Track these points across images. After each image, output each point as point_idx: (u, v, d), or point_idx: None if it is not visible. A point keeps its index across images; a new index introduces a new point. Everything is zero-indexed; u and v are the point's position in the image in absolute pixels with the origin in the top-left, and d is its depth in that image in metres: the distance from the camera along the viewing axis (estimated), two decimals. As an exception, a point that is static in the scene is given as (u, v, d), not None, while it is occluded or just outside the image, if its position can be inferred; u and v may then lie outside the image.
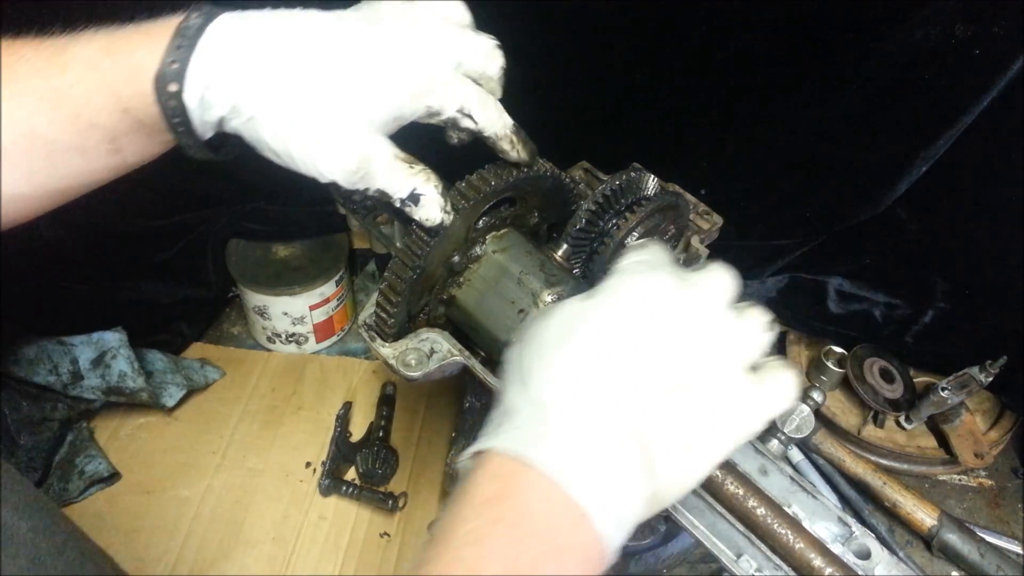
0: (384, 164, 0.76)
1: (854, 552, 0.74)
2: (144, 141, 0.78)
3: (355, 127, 0.75)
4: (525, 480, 0.59)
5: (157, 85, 0.71)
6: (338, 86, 0.74)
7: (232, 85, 0.72)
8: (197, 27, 0.72)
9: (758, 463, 0.81)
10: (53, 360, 1.45)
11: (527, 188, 0.93)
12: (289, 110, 0.73)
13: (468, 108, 0.79)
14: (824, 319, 1.67)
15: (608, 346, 0.64)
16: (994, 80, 1.20)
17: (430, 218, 0.80)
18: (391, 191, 0.78)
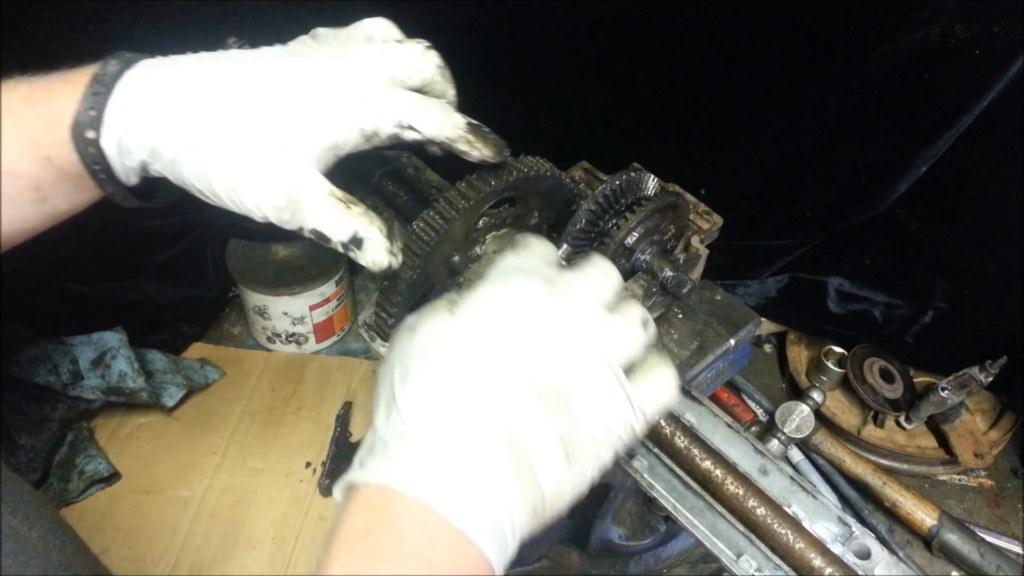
0: (317, 202, 0.72)
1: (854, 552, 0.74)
2: (69, 189, 0.76)
3: (281, 161, 0.71)
4: (396, 508, 0.57)
5: (74, 132, 0.70)
6: (259, 120, 0.71)
7: (150, 128, 0.71)
8: (114, 74, 0.71)
9: (758, 463, 0.81)
10: (53, 360, 1.45)
11: (527, 188, 0.93)
12: (209, 148, 0.71)
13: (407, 120, 0.75)
14: (824, 319, 1.67)
15: (472, 361, 0.61)
16: (994, 80, 1.20)
17: (377, 262, 0.75)
18: (328, 232, 0.73)
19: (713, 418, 0.85)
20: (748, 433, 0.84)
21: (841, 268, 1.64)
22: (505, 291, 0.66)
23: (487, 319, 0.64)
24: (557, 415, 0.61)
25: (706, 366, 1.10)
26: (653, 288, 0.98)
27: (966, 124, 1.27)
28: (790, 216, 1.55)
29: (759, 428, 0.94)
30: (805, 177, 1.48)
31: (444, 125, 0.77)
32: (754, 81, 1.36)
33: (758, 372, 1.79)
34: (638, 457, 0.83)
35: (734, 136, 1.46)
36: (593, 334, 0.65)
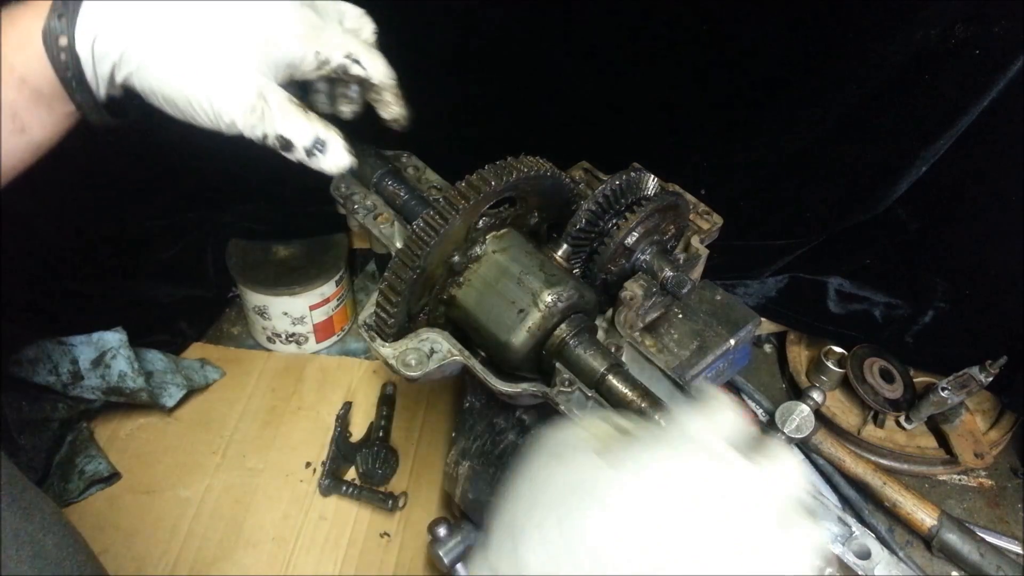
0: (282, 107, 0.76)
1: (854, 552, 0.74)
2: (45, 114, 0.76)
3: (248, 68, 0.75)
4: None
5: (46, 41, 0.71)
6: (230, 26, 0.74)
7: (121, 31, 0.72)
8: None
9: (758, 463, 0.81)
10: (53, 360, 1.45)
11: (527, 188, 0.93)
12: (181, 51, 0.73)
13: (355, 54, 0.82)
14: (824, 319, 1.67)
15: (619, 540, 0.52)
16: (994, 80, 1.20)
17: (340, 163, 0.80)
18: (294, 137, 0.77)
19: (713, 418, 0.85)
20: (748, 433, 0.83)
21: (841, 268, 1.64)
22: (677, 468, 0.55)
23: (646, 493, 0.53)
24: None
25: (706, 366, 1.10)
26: (653, 288, 0.98)
27: (966, 124, 1.27)
28: (790, 216, 1.55)
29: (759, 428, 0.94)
30: (805, 177, 1.48)
31: (383, 70, 0.86)
32: (754, 81, 1.36)
33: (758, 372, 1.79)
34: (638, 457, 0.83)
35: (734, 136, 1.46)
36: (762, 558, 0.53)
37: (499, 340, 0.91)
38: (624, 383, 0.85)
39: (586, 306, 0.93)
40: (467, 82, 1.44)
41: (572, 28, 1.38)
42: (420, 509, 1.45)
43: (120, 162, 1.41)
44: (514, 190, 0.92)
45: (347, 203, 1.06)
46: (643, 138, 1.47)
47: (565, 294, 0.89)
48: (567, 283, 0.91)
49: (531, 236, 1.00)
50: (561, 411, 0.87)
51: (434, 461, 1.53)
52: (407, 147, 1.16)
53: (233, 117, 0.75)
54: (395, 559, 1.39)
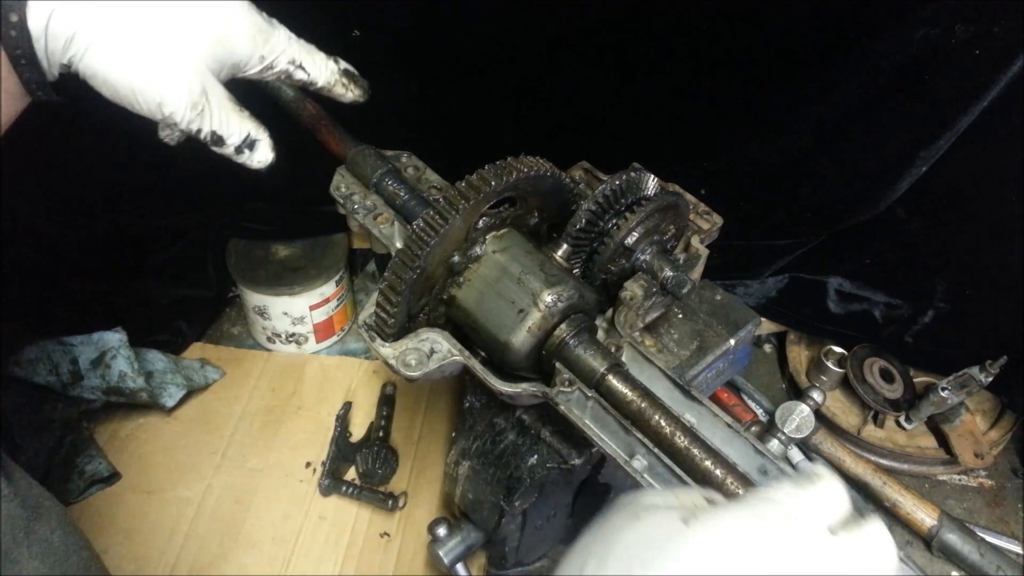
0: (221, 105, 0.79)
1: (854, 552, 0.74)
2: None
3: (196, 62, 0.76)
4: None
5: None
6: (183, 20, 0.75)
7: (75, 11, 0.71)
8: None
9: (758, 463, 0.81)
10: (53, 360, 1.45)
11: (527, 188, 0.93)
12: (132, 38, 0.73)
13: (299, 60, 0.86)
14: (824, 319, 1.67)
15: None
16: (994, 80, 1.20)
17: (264, 159, 0.84)
18: (226, 134, 0.80)
19: (713, 418, 0.85)
20: (748, 433, 0.83)
21: (841, 268, 1.64)
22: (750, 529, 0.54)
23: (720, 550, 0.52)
24: None
25: (706, 366, 1.10)
26: (653, 288, 0.98)
27: (966, 124, 1.27)
28: (790, 216, 1.55)
29: (759, 428, 0.94)
30: (805, 177, 1.48)
31: (325, 71, 0.90)
32: (754, 81, 1.36)
33: (758, 372, 1.79)
34: (638, 457, 0.83)
35: (734, 136, 1.46)
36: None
37: (499, 340, 0.91)
38: (624, 383, 0.85)
39: (586, 306, 0.93)
40: (467, 82, 1.44)
41: (572, 28, 1.38)
42: (420, 509, 1.45)
43: (120, 163, 1.41)
44: (514, 190, 0.92)
45: (347, 203, 1.06)
46: (643, 138, 1.47)
47: (565, 294, 0.89)
48: (567, 283, 0.91)
49: (531, 236, 1.00)
50: (561, 411, 0.87)
51: (434, 461, 1.53)
52: (407, 147, 1.16)
53: (173, 110, 0.76)
54: (395, 559, 1.39)
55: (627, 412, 0.82)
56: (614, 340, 0.95)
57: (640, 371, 0.90)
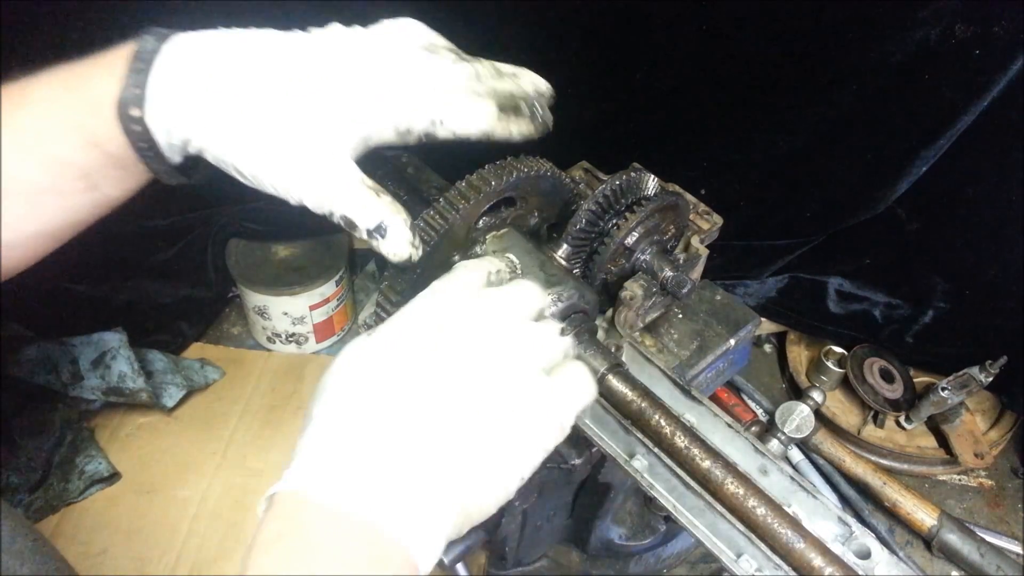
0: (351, 190, 0.74)
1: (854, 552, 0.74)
2: (119, 175, 0.77)
3: (318, 149, 0.73)
4: (307, 511, 0.58)
5: (120, 112, 0.70)
6: (299, 108, 0.72)
7: (194, 105, 0.71)
8: (152, 49, 0.71)
9: (758, 463, 0.81)
10: (53, 360, 1.45)
11: (527, 188, 0.93)
12: (254, 130, 0.71)
13: (439, 117, 0.77)
14: (824, 319, 1.67)
15: (385, 369, 0.63)
16: (994, 80, 1.20)
17: (397, 253, 0.77)
18: (357, 219, 0.75)
19: (713, 418, 0.85)
20: (748, 433, 0.83)
21: (841, 268, 1.64)
22: (420, 305, 0.69)
23: (401, 332, 0.66)
24: (478, 414, 0.62)
25: (706, 366, 1.10)
26: (653, 288, 0.98)
27: (966, 124, 1.27)
28: (790, 216, 1.56)
29: (759, 428, 0.94)
30: (805, 177, 1.48)
31: (478, 121, 0.78)
32: (754, 81, 1.36)
33: (758, 372, 1.79)
34: (638, 457, 0.83)
35: (734, 136, 1.46)
36: (510, 336, 0.67)
37: None
38: (624, 383, 0.85)
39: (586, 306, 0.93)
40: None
41: (571, 28, 1.38)
42: (420, 509, 1.45)
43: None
44: (514, 190, 0.92)
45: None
46: (643, 138, 1.47)
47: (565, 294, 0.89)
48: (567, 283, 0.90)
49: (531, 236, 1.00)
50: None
51: (434, 461, 1.52)
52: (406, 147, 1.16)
53: (303, 200, 0.75)
54: (395, 559, 1.39)
55: (627, 412, 0.82)
56: (614, 340, 0.95)
57: (640, 371, 0.90)
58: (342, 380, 0.64)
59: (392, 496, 0.58)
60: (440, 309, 0.68)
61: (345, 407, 0.62)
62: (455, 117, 0.77)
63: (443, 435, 0.61)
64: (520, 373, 0.66)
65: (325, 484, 0.58)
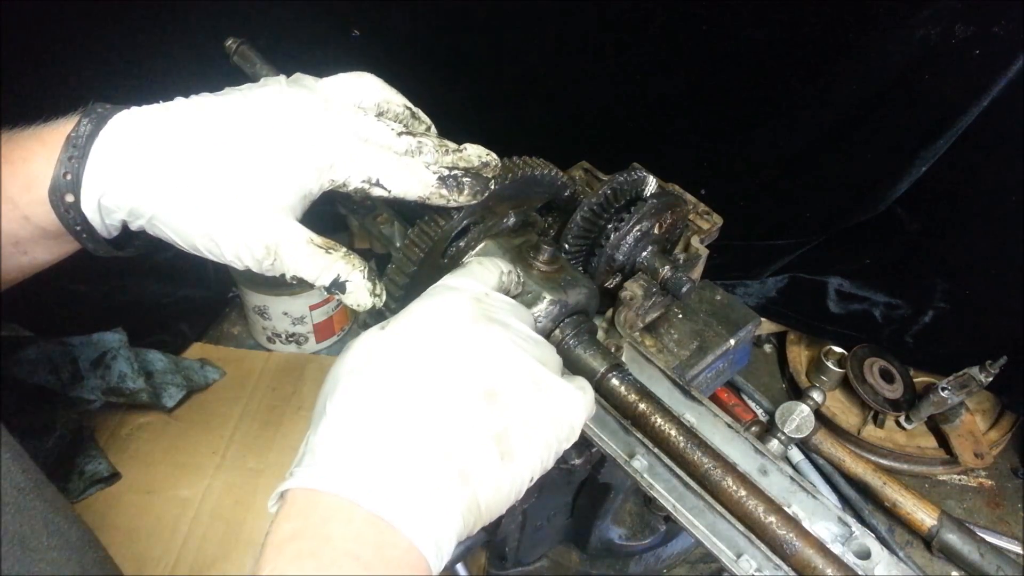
0: (296, 250, 0.73)
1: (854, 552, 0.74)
2: (49, 244, 0.78)
3: (257, 213, 0.72)
4: (322, 509, 0.58)
5: (52, 197, 0.71)
6: (233, 174, 0.72)
7: (127, 189, 0.71)
8: (87, 135, 0.71)
9: (758, 463, 0.81)
10: (53, 360, 1.45)
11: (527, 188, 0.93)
12: (186, 206, 0.72)
13: (375, 177, 0.76)
14: (824, 319, 1.67)
15: (399, 367, 0.64)
16: (994, 80, 1.20)
17: (361, 303, 0.76)
18: (309, 278, 0.75)
19: (713, 418, 0.85)
20: (748, 433, 0.84)
21: (841, 268, 1.64)
22: (433, 305, 0.69)
23: (414, 329, 0.67)
24: (489, 414, 0.63)
25: (706, 366, 1.10)
26: (653, 288, 0.98)
27: (966, 124, 1.27)
28: (790, 216, 1.56)
29: (759, 428, 0.94)
30: (805, 177, 1.48)
31: (415, 186, 0.77)
32: (754, 81, 1.36)
33: (758, 372, 1.79)
34: (638, 457, 0.83)
35: (734, 136, 1.46)
36: (521, 341, 0.68)
37: None
38: (624, 383, 0.85)
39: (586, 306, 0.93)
40: (467, 82, 1.44)
41: (572, 28, 1.38)
42: (420, 509, 1.45)
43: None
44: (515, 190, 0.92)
45: (347, 203, 1.06)
46: (643, 138, 1.47)
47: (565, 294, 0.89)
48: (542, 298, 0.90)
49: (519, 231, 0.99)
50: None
51: (434, 461, 1.52)
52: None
53: (247, 264, 0.75)
54: (395, 559, 1.39)
55: (627, 412, 0.82)
56: (614, 340, 0.95)
57: (640, 371, 0.90)
58: (359, 376, 0.64)
59: (408, 497, 0.58)
60: (457, 309, 0.68)
61: (362, 404, 0.62)
62: (391, 180, 0.77)
63: (459, 435, 0.61)
64: (534, 375, 0.66)
65: (341, 483, 0.58)
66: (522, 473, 0.64)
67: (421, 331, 0.67)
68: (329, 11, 1.38)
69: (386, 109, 0.83)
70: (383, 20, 1.36)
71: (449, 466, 0.60)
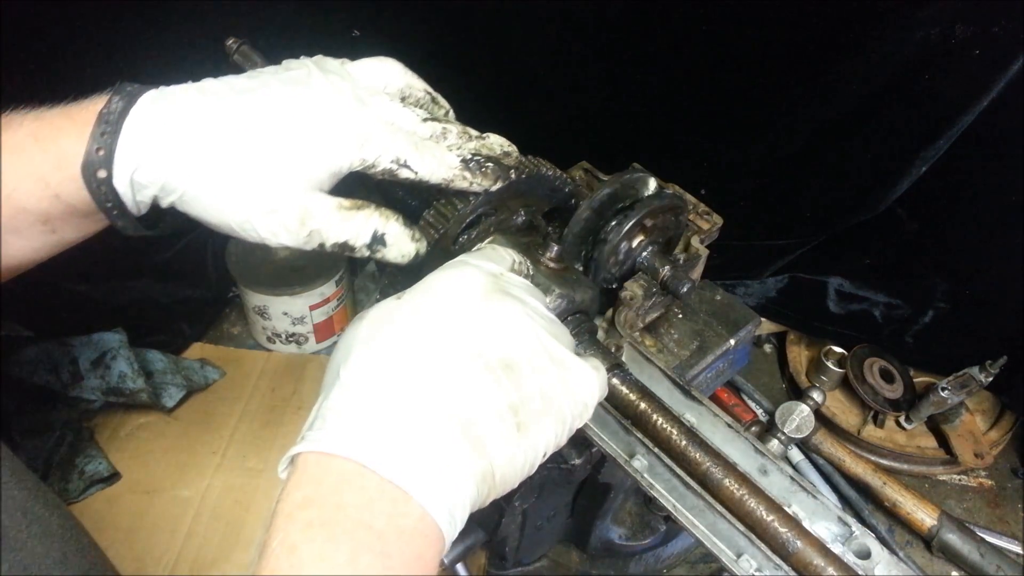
0: (331, 216, 0.75)
1: (854, 552, 0.74)
2: (79, 222, 0.78)
3: (289, 188, 0.73)
4: (334, 475, 0.57)
5: (85, 173, 0.71)
6: (265, 152, 0.73)
7: (160, 164, 0.71)
8: (119, 111, 0.72)
9: (758, 463, 0.81)
10: (53, 360, 1.45)
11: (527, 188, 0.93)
12: (219, 182, 0.72)
13: (403, 158, 0.78)
14: (824, 319, 1.67)
15: (415, 336, 0.63)
16: (994, 80, 1.20)
17: (405, 253, 0.78)
18: (351, 240, 0.76)
19: (713, 418, 0.85)
20: (748, 433, 0.83)
21: (841, 268, 1.64)
22: (450, 276, 0.69)
23: (431, 300, 0.67)
24: (505, 384, 0.63)
25: (706, 366, 1.10)
26: (653, 288, 0.98)
27: (966, 124, 1.27)
28: (790, 216, 1.56)
29: (759, 428, 0.94)
30: (805, 177, 1.48)
31: (439, 169, 0.79)
32: (754, 81, 1.36)
33: (758, 372, 1.79)
34: (638, 457, 0.83)
35: (734, 136, 1.46)
36: (537, 317, 0.68)
37: None
38: (624, 383, 0.85)
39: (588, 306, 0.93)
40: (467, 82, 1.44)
41: (572, 28, 1.38)
42: (420, 509, 1.45)
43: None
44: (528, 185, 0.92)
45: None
46: (643, 138, 1.47)
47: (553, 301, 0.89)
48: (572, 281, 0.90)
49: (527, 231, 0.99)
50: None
51: (434, 461, 1.52)
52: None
53: (281, 240, 0.75)
54: (395, 559, 1.39)
55: (627, 412, 0.82)
56: (614, 340, 0.95)
57: (640, 371, 0.90)
58: (373, 344, 0.63)
59: (423, 464, 0.58)
60: (474, 281, 0.68)
61: (377, 371, 0.62)
62: (418, 162, 0.78)
63: (476, 404, 0.61)
64: (549, 350, 0.67)
65: (355, 448, 0.57)
66: (536, 446, 0.64)
67: (439, 301, 0.66)
68: (329, 11, 1.38)
69: (408, 94, 0.86)
70: (383, 20, 1.36)
71: (466, 435, 0.60)
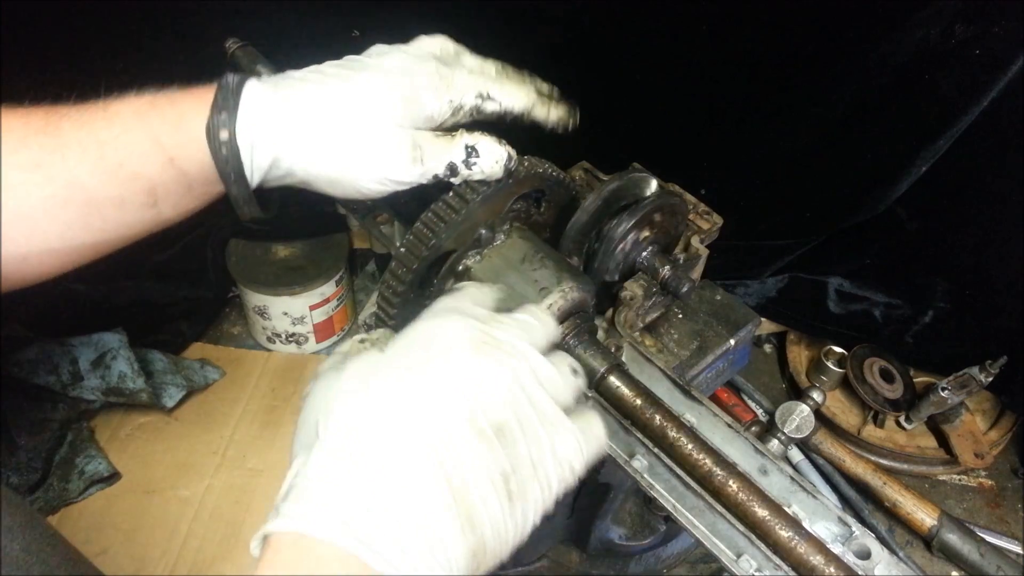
0: (433, 143, 0.80)
1: (854, 552, 0.74)
2: (183, 194, 0.79)
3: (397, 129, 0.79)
4: (315, 561, 0.53)
5: (210, 133, 0.73)
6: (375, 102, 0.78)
7: (279, 124, 0.75)
8: (236, 83, 0.76)
9: (758, 463, 0.81)
10: (53, 361, 1.45)
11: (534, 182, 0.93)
12: (336, 136, 0.76)
13: (486, 91, 0.84)
14: (824, 319, 1.67)
15: (402, 396, 0.59)
16: (994, 80, 1.20)
17: (499, 158, 0.82)
18: (454, 158, 0.80)
19: (713, 418, 0.85)
20: (748, 433, 0.84)
21: (841, 268, 1.64)
22: (438, 328, 0.64)
23: (419, 356, 0.62)
24: (496, 451, 0.58)
25: (706, 366, 1.10)
26: (653, 288, 0.98)
27: (966, 124, 1.27)
28: (790, 216, 1.55)
29: (759, 428, 0.94)
30: (805, 177, 1.48)
31: (519, 96, 0.87)
32: (754, 81, 1.36)
33: (758, 372, 1.79)
34: (638, 457, 0.83)
35: (734, 136, 1.46)
36: (529, 371, 0.63)
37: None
38: (624, 383, 0.85)
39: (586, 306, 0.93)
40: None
41: (571, 28, 1.38)
42: (420, 509, 1.45)
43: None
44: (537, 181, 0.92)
45: (347, 203, 1.06)
46: (643, 138, 1.47)
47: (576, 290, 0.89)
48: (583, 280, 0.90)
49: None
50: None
51: (434, 461, 1.52)
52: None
53: (400, 177, 0.79)
54: (395, 559, 1.39)
55: (627, 412, 0.82)
56: (614, 340, 0.95)
57: (640, 371, 0.90)
58: (356, 400, 0.59)
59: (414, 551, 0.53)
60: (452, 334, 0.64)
61: (359, 435, 0.57)
62: (500, 92, 0.85)
63: (461, 477, 0.57)
64: (542, 409, 0.62)
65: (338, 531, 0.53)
66: (527, 514, 0.61)
67: (427, 357, 0.62)
68: (329, 12, 1.38)
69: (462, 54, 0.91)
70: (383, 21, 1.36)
71: (458, 508, 0.56)
